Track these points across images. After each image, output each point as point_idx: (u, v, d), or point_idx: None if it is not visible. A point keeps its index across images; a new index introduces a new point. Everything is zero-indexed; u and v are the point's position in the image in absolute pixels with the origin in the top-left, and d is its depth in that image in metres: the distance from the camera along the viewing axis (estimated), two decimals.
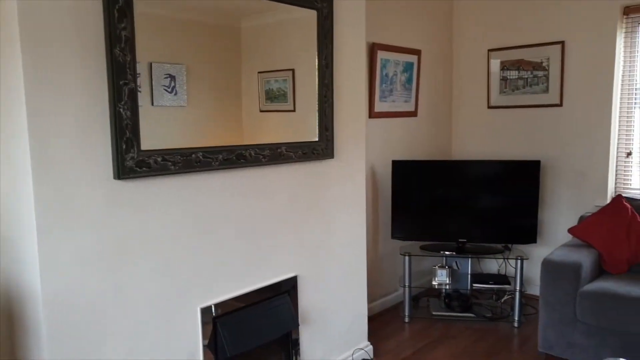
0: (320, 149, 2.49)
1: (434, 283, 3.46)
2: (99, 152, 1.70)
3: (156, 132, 1.87)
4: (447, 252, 3.43)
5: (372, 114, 3.40)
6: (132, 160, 1.76)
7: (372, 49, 3.32)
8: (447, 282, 3.44)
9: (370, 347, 2.88)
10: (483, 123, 4.01)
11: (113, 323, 1.76)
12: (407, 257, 3.39)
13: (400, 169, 3.47)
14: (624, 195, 3.17)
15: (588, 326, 2.67)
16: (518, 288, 3.28)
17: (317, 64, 2.42)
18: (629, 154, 3.47)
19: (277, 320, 2.25)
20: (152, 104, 1.88)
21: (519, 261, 3.29)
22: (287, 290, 2.37)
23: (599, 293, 2.62)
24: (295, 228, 2.41)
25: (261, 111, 2.32)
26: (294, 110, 2.44)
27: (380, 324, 3.39)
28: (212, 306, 2.07)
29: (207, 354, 2.05)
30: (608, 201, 3.38)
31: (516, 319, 3.31)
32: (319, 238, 2.53)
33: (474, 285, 3.42)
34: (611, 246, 2.98)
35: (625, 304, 2.52)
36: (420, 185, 3.49)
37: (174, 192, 1.91)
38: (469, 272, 3.56)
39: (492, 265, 4.01)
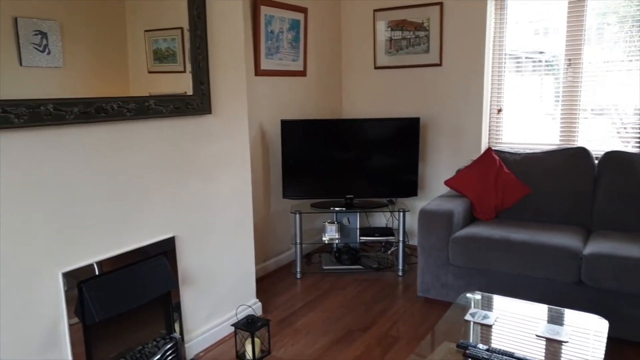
0: (195, 104, 2.39)
1: (324, 239, 3.55)
2: None
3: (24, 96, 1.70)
4: (336, 209, 3.52)
5: (258, 72, 3.33)
6: None
7: (255, 4, 3.22)
8: (337, 237, 3.54)
9: (259, 304, 2.90)
10: (371, 83, 4.11)
11: None
12: (297, 215, 3.43)
13: (290, 128, 3.46)
14: (494, 148, 3.43)
15: (458, 268, 2.90)
16: (401, 239, 3.47)
17: (187, 13, 2.30)
18: (500, 110, 3.74)
19: (152, 282, 2.17)
20: (21, 64, 1.71)
21: (401, 214, 3.46)
22: (164, 251, 2.29)
23: (467, 237, 2.84)
24: (171, 187, 2.31)
25: (150, 72, 2.20)
26: (184, 72, 2.34)
27: (273, 281, 3.43)
28: (76, 270, 1.94)
29: (73, 321, 1.93)
30: None
31: (400, 268, 3.50)
32: (199, 197, 2.46)
33: (361, 238, 3.55)
34: (481, 195, 3.23)
35: (488, 246, 2.76)
36: (310, 145, 3.51)
37: (19, 149, 1.73)
38: (358, 227, 3.69)
39: (382, 219, 4.19)
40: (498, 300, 2.10)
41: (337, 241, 3.58)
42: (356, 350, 2.50)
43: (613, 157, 3.03)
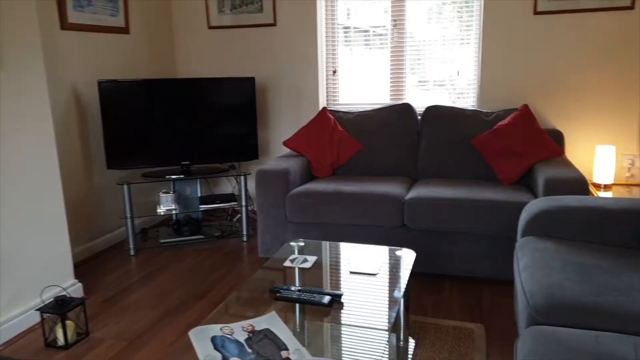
0: None
1: (159, 211, 3.29)
2: None
3: None
4: (173, 177, 3.28)
5: (65, 25, 2.92)
6: None
7: None
8: (174, 207, 3.31)
9: (79, 285, 2.59)
10: (206, 44, 3.89)
11: None
12: (125, 187, 3.12)
13: (110, 90, 3.11)
14: (330, 109, 3.47)
15: (296, 224, 2.89)
16: (244, 203, 3.37)
17: None
18: (335, 72, 3.80)
19: None
20: None
21: (242, 178, 3.36)
22: None
23: (302, 193, 2.84)
24: None
25: None
26: None
27: (103, 261, 3.10)
28: None
29: None
30: None
31: (244, 233, 3.42)
32: None
33: (201, 207, 3.37)
34: (317, 153, 3.25)
35: (321, 199, 2.78)
36: (136, 108, 3.21)
37: None
38: (198, 195, 3.50)
39: (228, 186, 4.04)
40: (320, 245, 2.11)
41: (175, 212, 3.35)
42: (189, 318, 2.36)
43: (433, 111, 3.25)
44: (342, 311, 1.51)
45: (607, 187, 3.03)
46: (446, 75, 3.51)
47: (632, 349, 1.23)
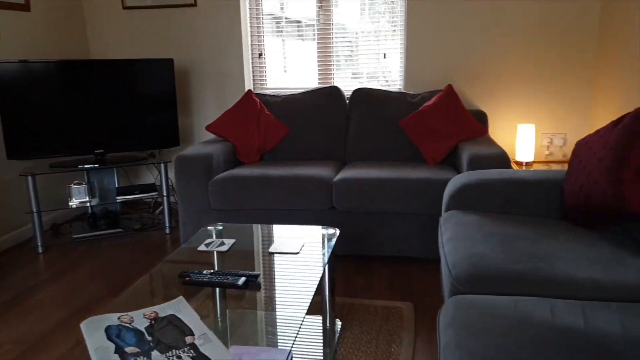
0: None
1: (71, 204, 3.02)
2: None
3: None
4: (86, 166, 3.02)
5: None
6: None
7: None
8: (88, 199, 3.06)
9: None
10: (122, 25, 3.62)
11: None
12: (30, 178, 2.83)
13: (7, 72, 2.80)
14: (258, 92, 3.34)
15: (220, 212, 2.74)
16: (165, 193, 3.17)
17: None
18: (260, 54, 3.67)
19: None
20: None
21: (162, 166, 3.16)
22: None
23: (226, 179, 2.69)
24: None
25: None
26: None
27: (7, 260, 2.80)
28: None
29: None
30: None
31: (167, 225, 3.21)
32: None
33: (118, 198, 3.13)
34: (243, 138, 3.11)
35: (247, 185, 2.65)
36: (40, 91, 2.91)
37: None
38: (116, 186, 3.26)
39: (149, 176, 3.80)
40: (240, 228, 1.98)
41: (89, 204, 3.09)
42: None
43: (360, 94, 3.20)
44: (258, 292, 1.40)
45: (528, 165, 3.12)
46: (376, 63, 3.47)
47: (549, 311, 1.22)
